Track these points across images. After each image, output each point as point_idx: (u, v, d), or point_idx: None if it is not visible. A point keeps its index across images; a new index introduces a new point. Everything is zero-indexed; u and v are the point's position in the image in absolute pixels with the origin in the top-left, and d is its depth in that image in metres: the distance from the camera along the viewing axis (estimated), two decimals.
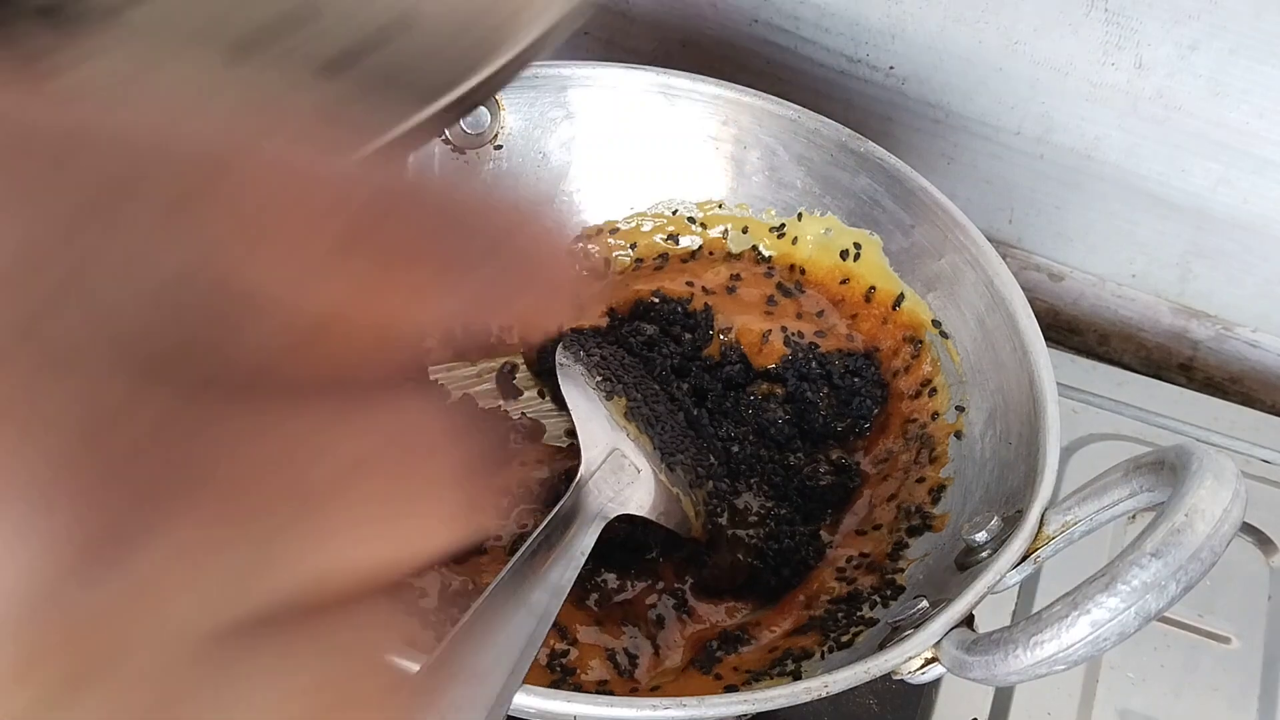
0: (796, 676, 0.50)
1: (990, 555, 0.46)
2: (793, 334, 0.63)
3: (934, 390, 0.60)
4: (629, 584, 0.56)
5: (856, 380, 0.62)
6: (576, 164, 0.67)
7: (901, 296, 0.62)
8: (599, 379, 0.56)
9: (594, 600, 0.55)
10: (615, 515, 0.49)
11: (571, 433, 0.57)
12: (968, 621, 0.44)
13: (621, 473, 0.51)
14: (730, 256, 0.67)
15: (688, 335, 0.64)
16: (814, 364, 0.62)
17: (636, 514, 0.51)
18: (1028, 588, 0.63)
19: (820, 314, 0.65)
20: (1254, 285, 0.77)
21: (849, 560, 0.56)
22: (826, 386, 0.62)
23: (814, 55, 0.78)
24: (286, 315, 0.16)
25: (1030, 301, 0.56)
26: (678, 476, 0.54)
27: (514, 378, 0.65)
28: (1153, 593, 0.37)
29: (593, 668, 0.52)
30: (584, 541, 0.45)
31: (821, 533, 0.58)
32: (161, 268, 0.15)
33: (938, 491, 0.56)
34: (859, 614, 0.52)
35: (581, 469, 0.50)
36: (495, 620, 0.36)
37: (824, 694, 0.41)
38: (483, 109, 0.64)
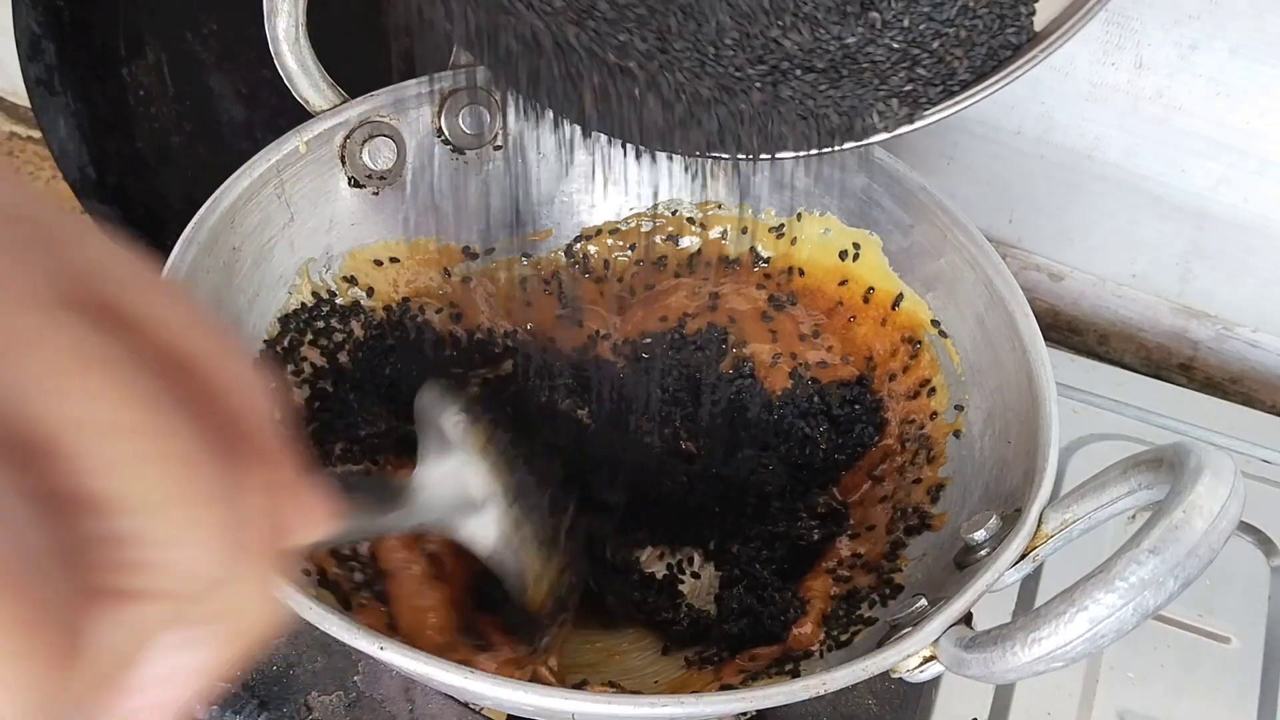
0: (795, 675, 0.50)
1: (989, 554, 0.46)
2: (800, 365, 0.63)
3: (933, 390, 0.60)
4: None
5: (857, 408, 0.62)
6: (576, 164, 0.67)
7: (900, 296, 0.62)
8: (462, 407, 0.50)
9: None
10: (435, 531, 0.47)
11: None
12: (966, 620, 0.44)
13: (462, 500, 0.47)
14: (725, 263, 0.67)
15: (700, 353, 0.64)
16: (815, 398, 0.62)
17: (464, 544, 0.48)
18: (1028, 586, 0.63)
19: (816, 334, 0.65)
20: (1254, 285, 0.77)
21: (841, 562, 0.56)
22: (826, 422, 0.62)
23: None
24: None
25: (1030, 301, 0.56)
26: (525, 529, 0.49)
27: None
28: (1150, 589, 0.37)
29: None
30: (389, 522, 0.45)
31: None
32: None
33: (936, 491, 0.56)
34: (858, 613, 0.52)
35: (415, 473, 0.47)
36: None
37: (822, 692, 0.41)
38: (482, 109, 0.64)
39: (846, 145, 0.54)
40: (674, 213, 0.68)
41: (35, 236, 0.21)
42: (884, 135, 0.53)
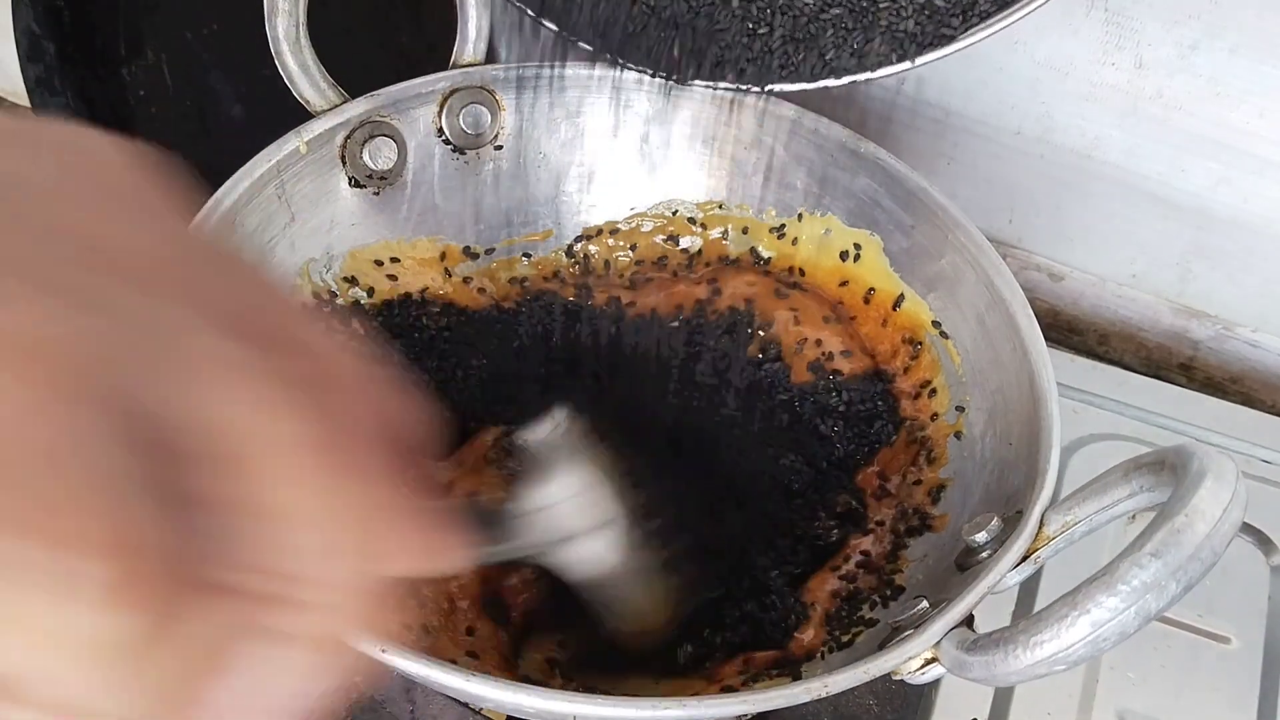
0: (796, 677, 0.50)
1: (990, 556, 0.46)
2: (822, 355, 0.63)
3: (934, 391, 0.60)
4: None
5: (879, 404, 0.61)
6: (576, 164, 0.67)
7: (901, 297, 0.62)
8: (581, 430, 0.47)
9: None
10: (550, 566, 0.45)
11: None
12: (968, 622, 0.44)
13: (589, 523, 0.45)
14: (725, 263, 0.67)
15: (726, 337, 0.64)
16: (833, 395, 0.62)
17: (574, 579, 0.46)
18: (1028, 589, 0.63)
19: (826, 319, 0.64)
20: (1254, 285, 0.77)
21: (847, 560, 0.56)
22: (846, 417, 0.61)
23: None
24: None
25: (1030, 301, 0.56)
26: (643, 555, 0.47)
27: None
28: (1153, 593, 0.37)
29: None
30: (511, 549, 0.43)
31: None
32: None
33: (937, 492, 0.56)
34: (859, 614, 0.52)
35: (534, 493, 0.44)
36: None
37: (823, 694, 0.41)
38: (482, 109, 0.64)
39: (865, 75, 0.56)
40: (674, 213, 0.68)
41: (199, 272, 0.22)
42: (905, 65, 0.55)
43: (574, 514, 0.44)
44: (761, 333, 0.64)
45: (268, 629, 0.21)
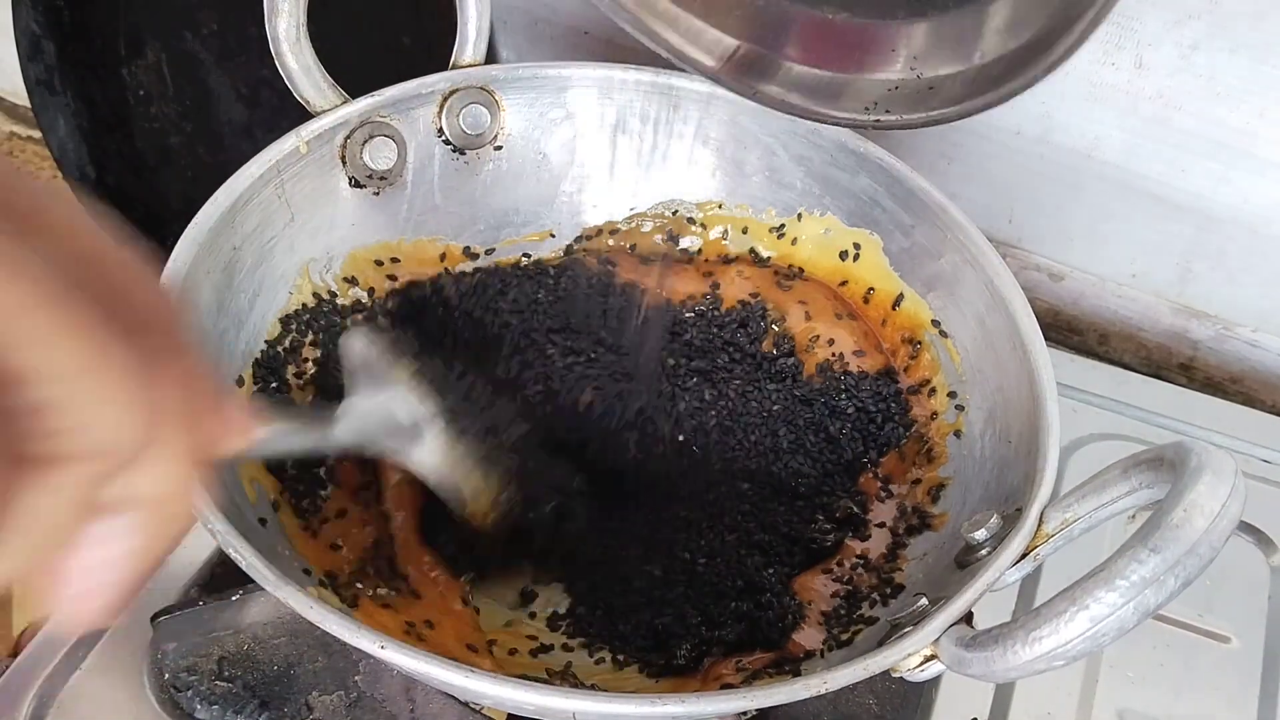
0: (796, 674, 0.50)
1: (990, 553, 0.46)
2: (833, 356, 0.63)
3: (933, 390, 0.60)
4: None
5: (892, 406, 0.61)
6: (576, 164, 0.67)
7: (901, 297, 0.62)
8: (386, 346, 0.53)
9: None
10: (374, 453, 0.51)
11: None
12: (967, 619, 0.44)
13: (392, 424, 0.50)
14: (725, 262, 0.67)
15: (741, 330, 0.64)
16: (842, 395, 0.62)
17: (414, 469, 0.51)
18: (1028, 585, 0.63)
19: (853, 315, 0.64)
20: (1254, 285, 0.77)
21: (843, 562, 0.56)
22: (848, 425, 0.61)
23: None
24: None
25: (1030, 301, 0.56)
26: (460, 448, 0.52)
27: None
28: (1151, 588, 0.37)
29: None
30: (317, 440, 0.46)
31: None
32: None
33: (937, 490, 0.56)
34: (859, 612, 0.52)
35: (344, 402, 0.49)
36: None
37: (823, 690, 0.41)
38: (482, 109, 0.64)
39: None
40: (674, 213, 0.68)
41: None
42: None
43: (388, 412, 0.50)
44: (775, 327, 0.64)
45: (87, 487, 0.23)
